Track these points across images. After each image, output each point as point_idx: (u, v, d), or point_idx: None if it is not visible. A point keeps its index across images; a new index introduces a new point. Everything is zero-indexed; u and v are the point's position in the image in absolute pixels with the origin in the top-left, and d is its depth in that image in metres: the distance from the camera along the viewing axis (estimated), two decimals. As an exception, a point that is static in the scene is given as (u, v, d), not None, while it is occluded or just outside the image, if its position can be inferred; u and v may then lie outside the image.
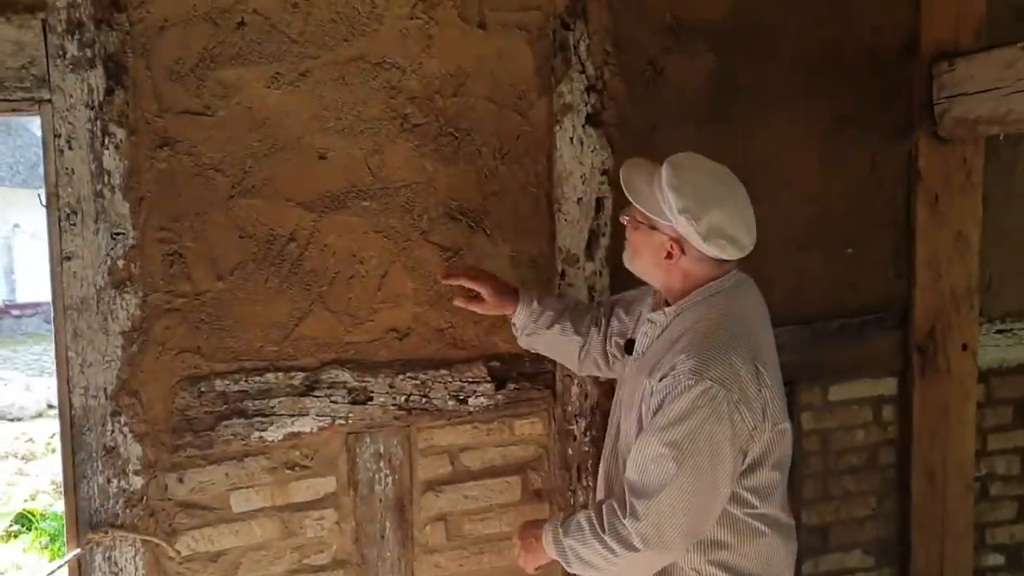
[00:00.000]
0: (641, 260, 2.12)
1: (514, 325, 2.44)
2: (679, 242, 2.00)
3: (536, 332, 2.41)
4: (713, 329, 1.98)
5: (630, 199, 2.05)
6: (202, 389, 2.34)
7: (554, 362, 2.72)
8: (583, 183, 2.70)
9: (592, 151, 2.69)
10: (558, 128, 2.65)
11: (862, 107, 3.08)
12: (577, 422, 2.76)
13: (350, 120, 2.41)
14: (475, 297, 2.41)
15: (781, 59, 2.93)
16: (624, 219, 2.13)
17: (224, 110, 2.29)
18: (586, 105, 2.67)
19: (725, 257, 1.98)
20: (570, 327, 2.40)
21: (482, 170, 2.55)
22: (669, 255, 2.03)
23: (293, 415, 2.42)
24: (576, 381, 2.75)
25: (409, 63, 2.44)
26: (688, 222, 1.94)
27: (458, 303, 2.44)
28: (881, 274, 3.19)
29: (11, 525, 6.31)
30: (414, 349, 2.57)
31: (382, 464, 2.55)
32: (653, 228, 2.03)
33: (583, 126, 2.68)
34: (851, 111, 3.07)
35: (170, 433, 2.32)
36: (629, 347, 2.23)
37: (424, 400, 2.57)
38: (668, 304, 2.10)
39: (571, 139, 2.67)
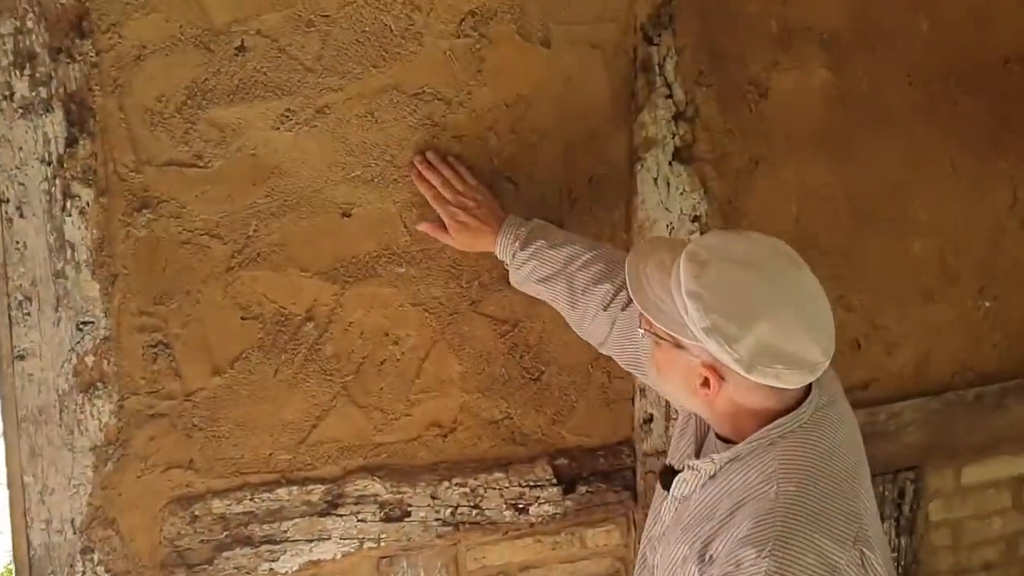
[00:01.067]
0: (670, 384, 1.58)
1: (503, 263, 1.98)
2: (715, 369, 1.47)
3: (524, 282, 1.94)
4: (792, 501, 1.43)
5: (639, 307, 1.54)
6: (196, 513, 1.89)
7: (634, 456, 2.25)
8: (670, 233, 2.22)
9: (681, 193, 2.21)
10: (640, 167, 2.17)
11: (1004, 130, 2.57)
12: (661, 528, 2.28)
13: (381, 167, 1.95)
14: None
15: (908, 74, 2.44)
16: (639, 327, 1.60)
17: (221, 159, 1.83)
18: (674, 137, 2.19)
19: (784, 386, 1.44)
20: (563, 296, 1.90)
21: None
22: (705, 383, 1.49)
23: (311, 540, 1.97)
24: (660, 478, 2.27)
25: (456, 93, 1.97)
26: (722, 346, 1.41)
27: (422, 227, 1.97)
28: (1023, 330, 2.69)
29: None
30: (462, 448, 2.11)
31: (423, 592, 2.09)
32: (678, 347, 1.50)
33: (670, 163, 2.20)
34: (990, 134, 2.56)
35: (158, 570, 1.87)
36: (665, 479, 1.69)
37: (475, 511, 2.11)
38: (718, 438, 1.60)
39: (655, 180, 2.19)
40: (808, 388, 1.53)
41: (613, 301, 1.87)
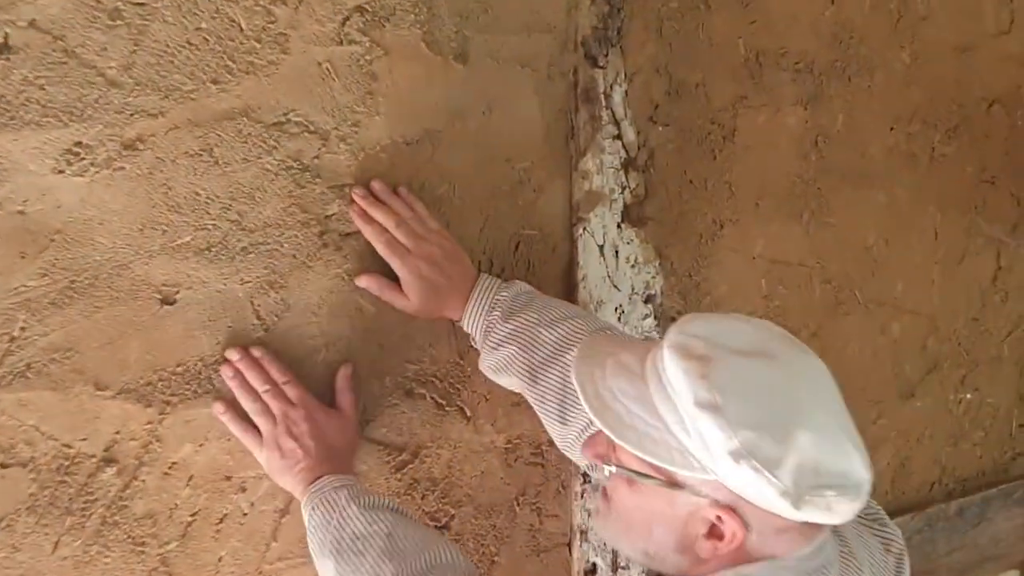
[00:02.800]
0: (644, 541, 1.10)
1: (472, 338, 1.49)
2: (734, 511, 1.02)
3: (498, 373, 1.46)
4: None
5: (608, 435, 1.06)
6: None
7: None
8: (619, 320, 1.70)
9: (632, 266, 1.70)
10: (581, 230, 1.64)
11: (983, 182, 2.21)
12: None
13: (224, 230, 1.35)
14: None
15: (887, 114, 2.03)
16: (593, 454, 1.13)
17: (-34, 218, 1.19)
18: (623, 191, 1.68)
19: (831, 520, 1.01)
20: (552, 400, 1.41)
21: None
22: (713, 532, 1.04)
23: None
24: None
25: (335, 123, 1.40)
26: (761, 475, 0.97)
27: (364, 283, 1.44)
28: (1004, 427, 2.32)
29: None
30: (340, 635, 1.49)
31: None
32: (673, 486, 1.04)
33: (619, 225, 1.68)
34: (970, 188, 2.20)
35: None
36: None
37: None
38: None
39: (600, 248, 1.67)
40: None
41: None
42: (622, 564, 1.77)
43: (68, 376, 1.29)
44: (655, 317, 1.75)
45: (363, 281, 1.42)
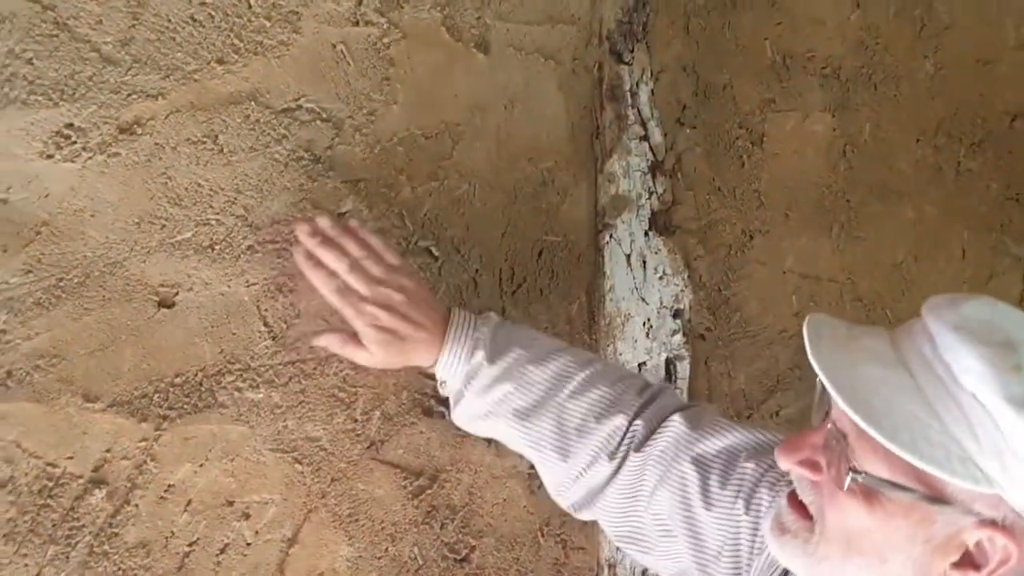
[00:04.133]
0: (860, 566, 0.93)
1: (440, 382, 1.30)
2: (1007, 530, 0.87)
3: (482, 419, 1.28)
4: None
5: (869, 430, 0.87)
6: None
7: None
8: (648, 336, 1.58)
9: (660, 278, 1.58)
10: (608, 238, 1.53)
11: (1008, 199, 2.13)
12: None
13: (228, 226, 1.22)
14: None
15: (913, 125, 1.95)
16: (795, 464, 0.97)
17: (-58, 205, 1.06)
18: (651, 196, 1.57)
19: None
20: (550, 441, 1.25)
21: (479, 319, 1.37)
22: (965, 560, 0.89)
23: None
24: None
25: (350, 111, 1.28)
26: None
27: (323, 342, 1.27)
28: None
29: None
30: None
31: None
32: (935, 501, 0.88)
33: (646, 233, 1.56)
34: (995, 205, 2.12)
35: None
36: None
37: None
38: None
39: (628, 257, 1.55)
40: None
41: (623, 441, 1.21)
42: (653, 602, 1.63)
43: (53, 386, 1.15)
44: (684, 334, 1.63)
45: (322, 340, 1.26)
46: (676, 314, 1.63)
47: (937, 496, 0.88)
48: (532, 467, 1.48)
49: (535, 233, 1.48)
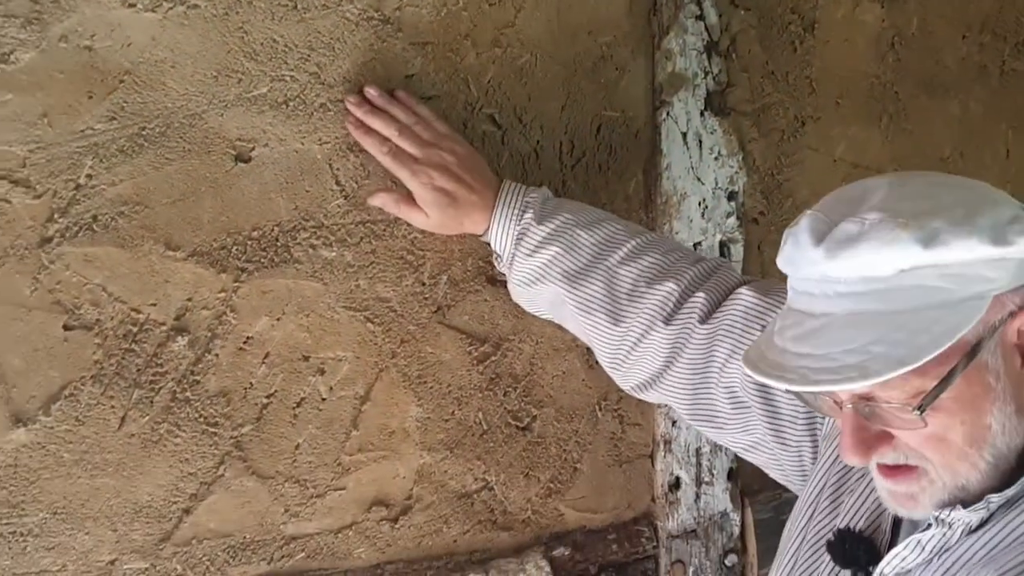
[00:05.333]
0: (983, 444, 0.92)
1: (496, 255, 1.33)
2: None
3: (533, 283, 1.30)
4: None
5: (881, 380, 0.86)
6: (-23, 676, 1.09)
7: (656, 539, 1.60)
8: (703, 216, 1.60)
9: (715, 158, 1.60)
10: (665, 115, 1.55)
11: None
12: (694, 643, 1.65)
13: (302, 83, 1.25)
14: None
15: (962, 19, 1.97)
16: (866, 454, 0.95)
17: (31, 51, 1.11)
18: (706, 76, 1.59)
19: None
20: (600, 303, 1.28)
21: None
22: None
23: None
24: (692, 569, 1.63)
25: (418, -25, 1.30)
26: None
27: (378, 201, 1.31)
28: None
29: None
30: (420, 538, 1.40)
31: None
32: (972, 354, 0.88)
33: (702, 112, 1.59)
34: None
35: None
36: (847, 553, 1.04)
37: (441, 638, 1.39)
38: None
39: (684, 136, 1.57)
40: None
41: (681, 308, 1.24)
42: (706, 479, 1.67)
43: (137, 232, 1.19)
44: (738, 216, 1.66)
45: (376, 200, 1.30)
46: (731, 196, 1.65)
47: (967, 353, 0.88)
48: (590, 342, 1.52)
49: (594, 108, 1.51)
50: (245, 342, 1.26)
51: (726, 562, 1.70)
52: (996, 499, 0.91)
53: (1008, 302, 0.89)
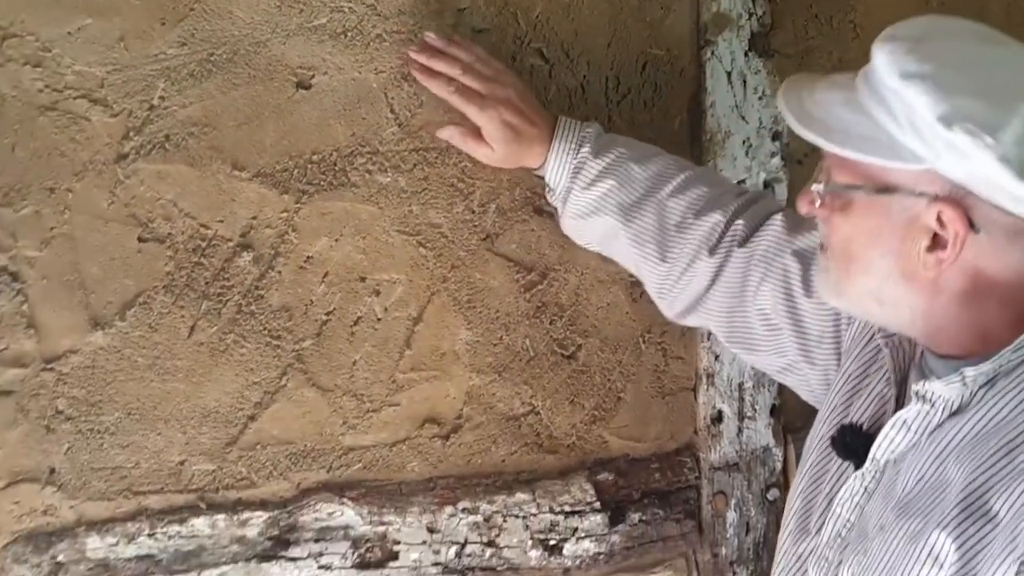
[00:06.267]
0: (866, 276, 1.04)
1: (548, 188, 1.40)
2: (955, 203, 0.95)
3: (588, 216, 1.37)
4: None
5: (813, 140, 1.01)
6: (61, 558, 1.21)
7: (698, 470, 1.66)
8: (747, 155, 1.66)
9: (759, 98, 1.66)
10: (709, 54, 1.61)
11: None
12: (735, 573, 1.70)
13: (359, 14, 1.33)
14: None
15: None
16: (807, 201, 1.07)
17: (110, -22, 1.19)
18: (751, 17, 1.64)
19: None
20: (651, 235, 1.35)
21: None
22: (936, 242, 0.97)
23: (247, 600, 1.29)
24: (734, 501, 1.69)
25: (470, -90, 1.37)
26: (975, 140, 0.91)
27: (447, 135, 1.38)
28: None
29: None
30: (470, 456, 1.48)
31: None
32: (885, 190, 0.99)
33: (746, 53, 1.64)
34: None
35: (-12, 658, 1.16)
36: (848, 444, 1.12)
37: (489, 552, 1.47)
38: (937, 356, 1.06)
39: (729, 75, 1.63)
40: None
41: (724, 236, 1.30)
42: (748, 414, 1.72)
43: (206, 152, 1.28)
44: (782, 157, 1.71)
45: (445, 133, 1.38)
46: (775, 136, 1.71)
47: (884, 186, 0.98)
48: (633, 276, 1.59)
49: (639, 46, 1.57)
50: (306, 261, 1.35)
51: (768, 496, 1.75)
52: (971, 373, 0.98)
53: (939, 186, 0.95)
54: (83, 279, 1.22)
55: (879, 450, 1.06)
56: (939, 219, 0.96)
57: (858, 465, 1.09)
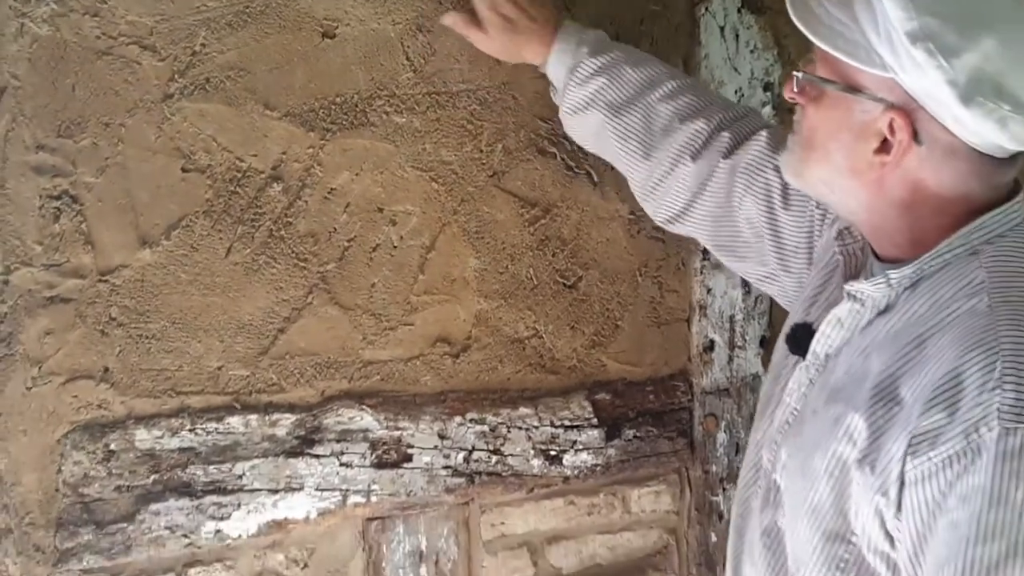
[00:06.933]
0: (821, 164, 1.16)
1: (552, 87, 1.53)
2: (906, 114, 1.07)
3: (581, 111, 1.49)
4: (1017, 310, 1.03)
5: (803, 30, 1.12)
6: (112, 447, 1.37)
7: (690, 394, 1.80)
8: (739, 102, 1.79)
9: (751, 51, 1.79)
10: (703, 11, 1.74)
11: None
12: (724, 490, 1.85)
13: (378, -30, 1.48)
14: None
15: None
16: (790, 88, 1.17)
17: (157, -64, 1.34)
18: (743, -24, 1.77)
19: (1006, 143, 1.05)
20: (636, 135, 1.47)
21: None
22: (883, 147, 1.09)
23: (276, 490, 1.46)
24: (724, 423, 1.84)
25: None
26: (932, 57, 1.01)
27: (449, 20, 1.51)
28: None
29: None
30: (478, 373, 1.63)
31: (424, 571, 1.59)
32: (852, 90, 1.10)
33: (739, 9, 1.78)
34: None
35: (52, 529, 1.33)
36: (797, 339, 1.25)
37: (495, 459, 1.63)
38: (881, 260, 1.19)
39: (722, 29, 1.77)
40: (1014, 187, 1.14)
41: (708, 145, 1.43)
42: (739, 343, 1.86)
43: (241, 94, 1.43)
44: (773, 106, 1.84)
45: (448, 18, 1.50)
46: (766, 87, 1.84)
47: (853, 85, 1.09)
48: (632, 212, 1.73)
49: (639, 2, 1.71)
50: (329, 192, 1.51)
51: (756, 421, 1.89)
52: (895, 276, 1.11)
53: (897, 95, 1.06)
54: (133, 203, 1.38)
55: (818, 344, 1.20)
56: (890, 126, 1.08)
57: (799, 349, 1.23)
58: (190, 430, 1.42)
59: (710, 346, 1.84)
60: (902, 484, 1.01)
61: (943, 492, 0.98)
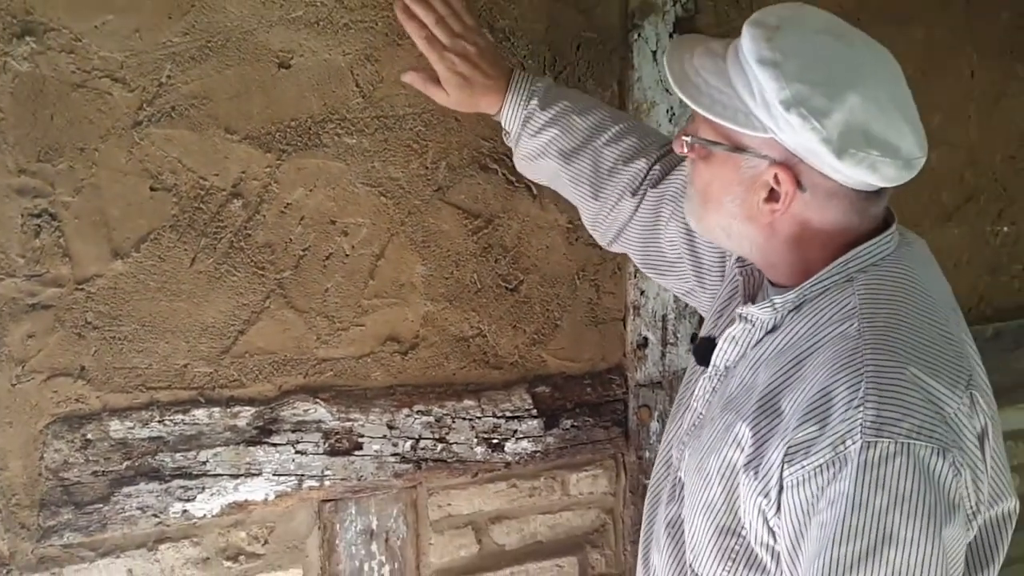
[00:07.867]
0: (717, 214, 1.28)
1: (504, 132, 1.64)
2: (789, 168, 1.19)
3: (535, 159, 1.61)
4: (881, 334, 1.15)
5: (686, 101, 1.23)
6: (89, 436, 1.52)
7: (625, 387, 1.95)
8: (670, 122, 1.94)
9: (682, 73, 1.92)
10: (636, 37, 1.88)
11: (1018, 29, 2.38)
12: (657, 474, 1.99)
13: (329, 7, 1.63)
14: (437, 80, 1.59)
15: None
16: (679, 145, 1.29)
17: (126, -19, 1.49)
18: (675, 4, 1.91)
19: (877, 183, 1.18)
20: (586, 178, 1.61)
21: (527, 95, 1.74)
22: (772, 196, 1.21)
23: (237, 475, 1.62)
24: (657, 413, 1.99)
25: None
26: (807, 122, 1.13)
27: (409, 79, 1.63)
28: (1043, 259, 2.50)
29: None
30: (425, 369, 1.78)
31: (375, 547, 1.75)
32: (737, 150, 1.22)
33: (671, 35, 1.91)
34: (1005, 34, 2.37)
35: (36, 509, 1.49)
36: (702, 351, 1.40)
37: (440, 446, 1.78)
38: (774, 285, 1.33)
39: (654, 54, 1.91)
40: (886, 220, 1.27)
41: (645, 180, 1.58)
42: (671, 340, 2.01)
43: (204, 120, 1.58)
44: (703, 122, 1.98)
45: (408, 77, 1.63)
46: (696, 105, 1.97)
47: (738, 146, 1.20)
48: (570, 221, 1.88)
49: (574, 30, 1.85)
50: (286, 207, 1.66)
51: (689, 412, 2.04)
52: (779, 300, 1.25)
53: (779, 152, 1.19)
54: (106, 219, 1.53)
55: (717, 358, 1.35)
56: (776, 178, 1.20)
57: (703, 360, 1.38)
58: (159, 421, 1.58)
59: (644, 343, 1.99)
60: (780, 488, 1.15)
61: (815, 496, 1.11)
